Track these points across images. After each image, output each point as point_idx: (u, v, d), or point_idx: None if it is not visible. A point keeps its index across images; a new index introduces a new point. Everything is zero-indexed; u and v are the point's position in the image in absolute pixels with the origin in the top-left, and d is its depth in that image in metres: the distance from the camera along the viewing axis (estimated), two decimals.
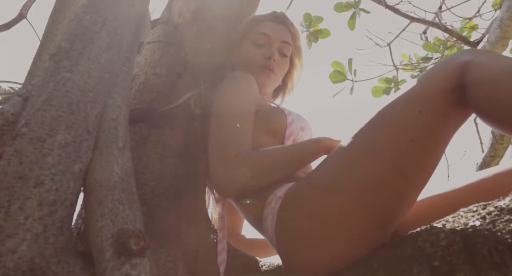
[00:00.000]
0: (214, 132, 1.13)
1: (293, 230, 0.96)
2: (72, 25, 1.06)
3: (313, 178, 0.98)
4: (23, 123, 0.93)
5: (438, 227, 0.84)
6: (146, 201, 1.09)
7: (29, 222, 0.84)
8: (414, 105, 0.89)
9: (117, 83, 1.12)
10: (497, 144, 2.44)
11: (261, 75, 1.36)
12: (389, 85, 3.07)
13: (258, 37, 1.39)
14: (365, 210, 0.90)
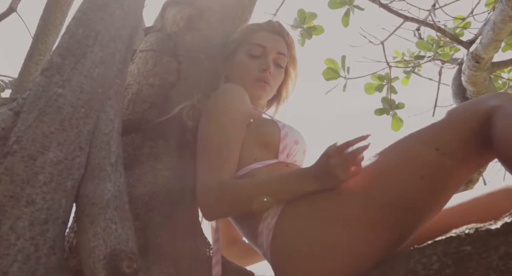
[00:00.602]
0: (200, 154, 1.13)
1: (289, 248, 0.96)
2: (64, 39, 1.05)
3: (315, 198, 0.98)
4: (15, 140, 0.92)
5: (430, 249, 0.84)
6: (139, 215, 1.08)
7: (20, 242, 0.83)
8: (432, 142, 0.89)
9: (109, 96, 1.11)
10: None
11: (256, 88, 1.35)
12: (381, 82, 3.07)
13: (253, 48, 1.37)
14: (365, 237, 0.90)
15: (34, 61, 2.85)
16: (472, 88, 2.09)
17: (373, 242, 0.91)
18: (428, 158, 0.88)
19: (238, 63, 1.38)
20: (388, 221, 0.90)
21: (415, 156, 0.90)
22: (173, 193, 1.18)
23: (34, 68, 2.83)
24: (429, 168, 0.88)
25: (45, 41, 2.86)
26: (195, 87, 1.38)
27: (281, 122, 1.25)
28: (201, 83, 1.41)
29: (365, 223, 0.91)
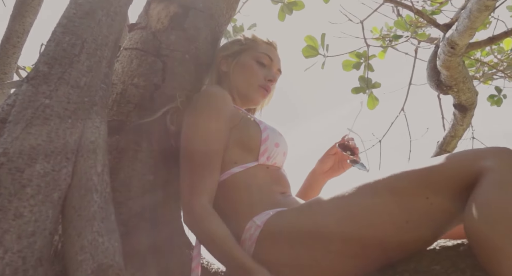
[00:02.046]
0: (183, 168, 1.15)
1: (270, 260, 1.00)
2: (50, 47, 1.04)
3: (299, 218, 1.02)
4: (1, 152, 0.91)
5: (403, 266, 0.89)
6: (123, 221, 1.10)
7: (8, 256, 0.84)
8: (424, 190, 0.90)
9: (95, 102, 1.10)
10: (458, 125, 2.54)
11: (259, 93, 1.41)
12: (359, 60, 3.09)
13: (263, 57, 1.43)
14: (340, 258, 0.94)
15: (11, 44, 2.77)
16: (446, 73, 2.14)
17: (351, 268, 0.95)
18: (417, 205, 0.91)
19: (245, 65, 1.42)
20: (367, 254, 0.94)
21: (405, 200, 0.92)
22: (157, 197, 1.20)
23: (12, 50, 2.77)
24: (416, 214, 0.91)
25: (23, 22, 2.78)
26: (179, 89, 1.39)
27: (263, 124, 1.27)
28: (185, 85, 1.42)
29: (345, 252, 0.94)
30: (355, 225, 0.95)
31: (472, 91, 2.29)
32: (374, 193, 0.96)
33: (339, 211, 0.98)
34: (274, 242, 1.01)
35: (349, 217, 0.96)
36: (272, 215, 1.05)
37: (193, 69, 1.46)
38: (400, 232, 0.92)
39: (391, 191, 0.95)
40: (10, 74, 2.75)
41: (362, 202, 0.97)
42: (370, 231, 0.94)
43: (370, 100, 3.09)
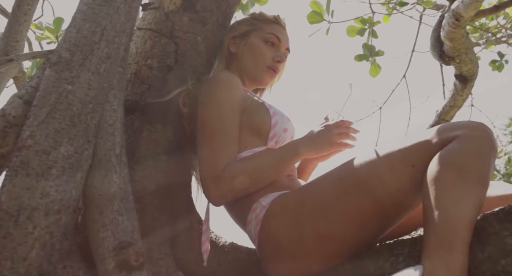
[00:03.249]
0: (201, 145, 1.20)
1: (274, 239, 1.07)
2: (71, 33, 1.07)
3: (301, 196, 1.08)
4: (28, 135, 0.97)
5: (398, 249, 0.95)
6: (139, 198, 1.16)
7: (37, 231, 0.90)
8: (409, 159, 0.97)
9: (113, 86, 1.15)
10: (457, 95, 2.57)
11: (267, 74, 1.43)
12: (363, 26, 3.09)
13: (270, 37, 1.45)
14: (342, 233, 1.00)
15: (22, 11, 2.76)
16: (449, 44, 2.14)
17: (351, 241, 1.01)
18: (405, 173, 0.97)
19: (253, 46, 1.44)
20: (366, 225, 1.00)
21: (394, 170, 0.99)
22: (170, 175, 1.26)
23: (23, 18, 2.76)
24: (405, 182, 0.97)
25: None
26: (191, 71, 1.42)
27: (273, 109, 1.31)
28: (197, 67, 1.45)
29: (345, 224, 1.01)
30: (353, 198, 1.01)
31: (474, 62, 2.29)
32: (369, 166, 1.03)
33: (338, 186, 1.04)
34: (278, 221, 1.08)
35: (347, 191, 1.02)
36: (276, 197, 1.11)
37: (205, 52, 1.49)
38: (393, 200, 0.99)
39: (381, 164, 1.01)
40: (22, 42, 2.75)
41: (358, 175, 1.03)
42: (368, 202, 1.00)
43: (372, 68, 3.09)
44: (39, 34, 3.43)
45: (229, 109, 1.23)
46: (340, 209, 1.01)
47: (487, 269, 0.82)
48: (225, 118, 1.22)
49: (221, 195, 1.14)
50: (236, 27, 1.51)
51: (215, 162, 1.14)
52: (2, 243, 0.89)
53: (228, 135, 1.19)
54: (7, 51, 2.55)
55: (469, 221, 0.83)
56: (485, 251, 0.83)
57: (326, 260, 1.02)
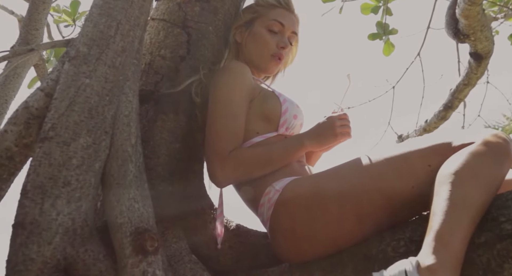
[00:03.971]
0: (210, 128, 1.24)
1: (286, 222, 1.11)
2: (88, 28, 1.10)
3: (316, 183, 1.12)
4: (50, 127, 1.01)
5: (400, 234, 0.99)
6: (154, 185, 1.21)
7: (60, 217, 0.96)
8: (427, 159, 1.02)
9: (128, 78, 1.18)
10: (472, 74, 2.53)
11: (271, 63, 1.43)
12: (377, 4, 3.03)
13: (272, 24, 1.43)
14: (352, 220, 1.04)
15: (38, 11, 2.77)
16: (464, 22, 2.10)
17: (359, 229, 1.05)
18: (421, 172, 1.01)
19: (257, 35, 1.44)
20: (376, 217, 1.04)
21: (411, 168, 1.03)
22: (183, 162, 1.30)
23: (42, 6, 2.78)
24: (420, 180, 1.01)
25: None
26: (203, 61, 1.45)
27: (283, 96, 1.34)
28: (209, 57, 1.47)
29: (357, 214, 1.04)
30: (368, 189, 1.05)
31: (489, 40, 2.24)
32: (387, 161, 1.07)
33: (354, 177, 1.08)
34: (291, 205, 1.11)
35: (363, 182, 1.06)
36: (290, 181, 1.15)
37: (216, 41, 1.51)
38: (407, 196, 1.03)
39: (402, 160, 1.05)
40: (41, 30, 2.78)
41: (376, 168, 1.07)
42: (381, 196, 1.04)
43: (386, 47, 3.03)
44: (57, 17, 3.46)
45: (238, 96, 1.26)
46: (353, 199, 1.05)
47: (483, 253, 0.86)
48: (233, 103, 1.25)
49: (226, 177, 1.19)
50: (241, 16, 1.51)
51: (223, 143, 1.19)
52: (29, 228, 0.94)
53: (235, 120, 1.23)
54: (28, 39, 2.59)
55: (471, 220, 0.86)
56: (482, 237, 0.86)
57: (334, 244, 1.06)
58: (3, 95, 2.45)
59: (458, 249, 0.84)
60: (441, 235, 0.85)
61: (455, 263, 0.83)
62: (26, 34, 2.63)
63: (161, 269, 0.93)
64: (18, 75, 2.59)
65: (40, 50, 2.57)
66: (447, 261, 0.82)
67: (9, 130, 1.09)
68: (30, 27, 2.66)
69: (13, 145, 1.08)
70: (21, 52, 2.07)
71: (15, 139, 1.08)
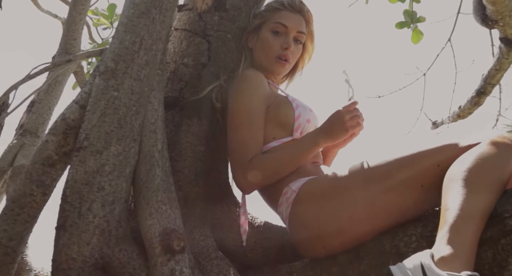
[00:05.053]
0: (230, 138, 1.27)
1: (303, 220, 1.14)
2: (115, 44, 1.15)
3: (329, 182, 1.14)
4: (84, 137, 1.06)
5: (412, 229, 0.99)
6: (182, 187, 1.25)
7: (96, 220, 1.01)
8: (436, 159, 1.02)
9: (153, 87, 1.22)
10: (503, 59, 2.43)
11: (277, 65, 1.43)
12: None
13: (276, 26, 1.43)
14: (364, 217, 1.05)
15: (77, 11, 2.85)
16: (491, 7, 2.02)
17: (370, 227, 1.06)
18: (430, 171, 1.02)
19: (262, 39, 1.45)
20: (384, 212, 1.04)
21: (421, 167, 1.03)
22: (208, 164, 1.34)
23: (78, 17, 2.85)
24: (430, 179, 1.02)
25: None
26: (223, 67, 1.47)
27: (296, 102, 1.35)
28: (228, 63, 1.50)
29: (368, 213, 1.05)
30: (378, 189, 1.06)
31: None
32: (397, 161, 1.07)
33: (365, 177, 1.09)
34: (307, 204, 1.14)
35: (373, 182, 1.07)
36: (305, 182, 1.17)
37: (235, 48, 1.53)
38: (416, 194, 1.03)
39: (409, 161, 1.05)
40: (78, 40, 2.86)
41: (386, 167, 1.07)
42: (392, 194, 1.05)
43: (414, 35, 2.93)
44: (96, 20, 3.55)
45: (255, 105, 1.29)
46: (365, 197, 1.05)
47: (488, 248, 0.86)
48: (251, 113, 1.28)
49: (249, 184, 1.22)
50: (251, 22, 1.52)
51: (243, 153, 1.22)
52: (69, 230, 1.00)
53: (254, 129, 1.25)
54: (67, 48, 2.68)
55: (482, 214, 0.86)
56: (487, 232, 0.86)
57: (348, 241, 1.08)
58: (47, 103, 2.55)
59: (472, 240, 0.84)
60: (454, 227, 0.85)
61: (469, 254, 0.83)
62: (65, 44, 2.71)
63: (187, 267, 0.97)
64: (59, 83, 2.69)
65: (77, 60, 2.66)
66: (462, 251, 0.82)
67: (49, 140, 1.14)
68: (68, 37, 2.75)
69: (54, 153, 1.13)
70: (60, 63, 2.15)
71: (55, 148, 1.13)
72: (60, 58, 2.67)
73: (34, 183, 1.11)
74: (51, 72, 2.60)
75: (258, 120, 1.28)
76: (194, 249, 1.16)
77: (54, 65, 2.11)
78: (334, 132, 1.20)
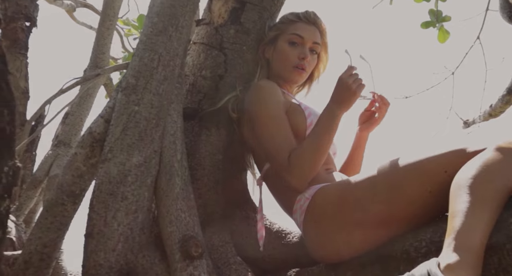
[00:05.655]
0: (265, 144, 1.27)
1: (316, 227, 1.15)
2: (135, 61, 1.19)
3: (341, 190, 1.15)
4: (108, 150, 1.11)
5: (422, 235, 0.99)
6: (201, 194, 1.28)
7: (120, 227, 1.05)
8: (443, 165, 1.02)
9: (172, 100, 1.26)
10: None
11: (295, 74, 1.46)
12: None
13: (293, 37, 1.47)
14: (374, 224, 1.06)
15: (105, 26, 2.95)
16: None
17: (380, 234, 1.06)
18: (437, 177, 1.02)
19: (280, 50, 1.48)
20: (394, 218, 1.05)
21: (429, 174, 1.03)
22: (226, 172, 1.37)
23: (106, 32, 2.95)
24: (437, 186, 1.01)
25: (113, 6, 2.95)
26: (239, 78, 1.50)
27: (308, 110, 1.36)
28: (244, 74, 1.53)
29: (378, 219, 1.06)
30: (387, 195, 1.06)
31: None
32: (406, 168, 1.08)
33: (375, 184, 1.09)
34: (320, 211, 1.15)
35: (383, 188, 1.08)
36: (318, 189, 1.18)
37: (250, 59, 1.56)
38: (425, 200, 1.04)
39: (417, 167, 1.06)
40: (107, 54, 2.95)
41: (395, 175, 1.08)
42: (401, 200, 1.05)
43: (440, 34, 2.85)
44: (127, 30, 3.65)
45: (277, 109, 1.32)
46: (375, 204, 1.06)
47: (494, 253, 0.85)
48: (275, 116, 1.30)
49: (299, 179, 1.20)
50: (267, 34, 1.55)
51: (281, 156, 1.22)
52: (96, 238, 1.05)
53: (283, 130, 1.27)
54: (97, 62, 2.78)
55: (488, 220, 0.86)
56: (493, 237, 0.85)
57: (359, 247, 1.09)
58: (79, 115, 2.64)
59: (478, 247, 0.83)
60: (461, 234, 0.85)
61: (476, 261, 0.82)
62: (95, 58, 2.81)
63: (205, 272, 1.00)
64: (90, 95, 2.78)
65: (105, 74, 2.75)
66: (468, 258, 0.82)
67: (78, 153, 1.20)
68: (98, 51, 2.84)
69: (82, 165, 1.19)
70: (90, 77, 2.23)
71: (83, 159, 1.19)
72: (90, 72, 2.77)
73: (65, 193, 1.17)
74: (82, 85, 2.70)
75: (284, 121, 1.30)
76: (214, 254, 1.19)
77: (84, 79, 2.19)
78: (344, 98, 1.22)
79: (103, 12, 2.90)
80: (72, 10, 3.71)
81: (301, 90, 1.63)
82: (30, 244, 1.14)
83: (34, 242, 1.14)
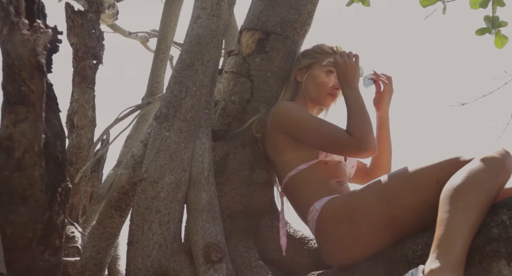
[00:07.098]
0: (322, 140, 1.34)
1: (325, 236, 1.21)
2: (167, 93, 1.33)
3: (347, 202, 1.21)
4: (145, 170, 1.24)
5: (419, 239, 1.02)
6: (228, 206, 1.38)
7: (155, 237, 1.17)
8: (435, 176, 1.06)
9: (201, 125, 1.38)
10: None
11: (328, 99, 1.55)
12: None
13: (330, 68, 1.54)
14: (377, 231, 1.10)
15: (160, 59, 3.17)
16: None
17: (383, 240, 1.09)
18: (430, 187, 1.05)
19: (315, 76, 1.56)
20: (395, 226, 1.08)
21: (422, 184, 1.07)
22: (252, 186, 1.45)
23: (160, 64, 3.17)
24: (430, 195, 1.05)
25: (165, 41, 3.17)
26: (264, 101, 1.59)
27: None
28: (268, 98, 1.61)
29: (380, 227, 1.10)
30: (388, 205, 1.10)
31: None
32: (400, 179, 1.13)
33: (376, 196, 1.14)
34: (329, 221, 1.20)
35: (383, 198, 1.13)
36: (327, 201, 1.23)
37: (274, 84, 1.64)
38: (419, 209, 1.07)
39: (412, 178, 1.10)
40: (161, 83, 3.16)
41: (393, 186, 1.13)
42: (399, 209, 1.10)
43: (497, 39, 2.73)
44: None
45: (306, 111, 1.44)
46: (377, 213, 1.11)
47: (475, 255, 0.87)
48: (313, 116, 1.43)
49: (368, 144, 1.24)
50: (300, 61, 1.63)
51: (340, 136, 1.28)
52: (135, 246, 1.17)
53: (324, 121, 1.39)
54: (152, 91, 3.00)
55: (470, 228, 0.87)
56: (475, 240, 0.87)
57: (362, 254, 1.13)
58: (136, 138, 2.85)
59: (460, 253, 0.85)
60: (443, 242, 0.87)
61: (457, 266, 0.84)
62: (151, 87, 3.03)
63: (225, 274, 1.08)
64: (145, 120, 3.00)
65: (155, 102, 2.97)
66: (449, 264, 0.84)
67: (122, 173, 1.34)
68: (153, 81, 3.06)
69: (126, 183, 1.33)
70: (142, 105, 2.43)
71: (126, 179, 1.33)
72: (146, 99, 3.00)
73: (113, 208, 1.31)
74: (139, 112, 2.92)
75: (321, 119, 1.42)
76: (237, 259, 1.27)
77: (137, 107, 2.39)
78: (349, 74, 1.37)
79: (157, 46, 3.13)
80: (146, 41, 4.05)
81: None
82: (86, 251, 1.29)
83: (89, 249, 1.29)
